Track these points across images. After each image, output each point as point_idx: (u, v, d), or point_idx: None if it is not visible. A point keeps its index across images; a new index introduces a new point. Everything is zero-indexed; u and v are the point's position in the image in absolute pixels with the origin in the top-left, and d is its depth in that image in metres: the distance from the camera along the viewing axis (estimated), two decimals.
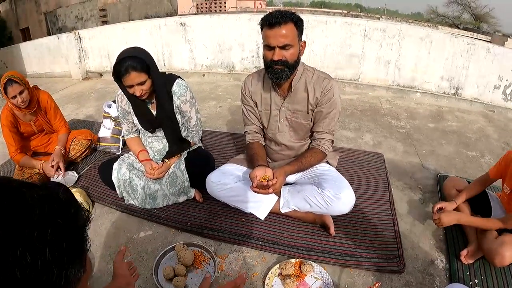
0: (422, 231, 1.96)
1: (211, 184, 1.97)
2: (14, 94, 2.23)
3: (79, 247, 0.55)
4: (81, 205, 0.59)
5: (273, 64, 1.67)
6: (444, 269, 1.70)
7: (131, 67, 1.76)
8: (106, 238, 1.93)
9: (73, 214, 0.55)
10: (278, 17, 1.58)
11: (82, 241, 0.57)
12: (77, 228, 0.55)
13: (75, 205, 0.57)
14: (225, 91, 4.68)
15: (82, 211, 0.58)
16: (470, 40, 4.19)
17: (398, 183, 2.44)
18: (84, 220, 0.58)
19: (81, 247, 0.56)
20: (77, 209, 0.57)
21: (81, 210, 0.58)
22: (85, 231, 0.58)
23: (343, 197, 1.73)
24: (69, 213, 0.54)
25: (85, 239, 0.58)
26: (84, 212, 0.59)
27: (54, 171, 2.31)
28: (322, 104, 1.81)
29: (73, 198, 0.59)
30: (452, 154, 2.94)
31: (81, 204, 0.60)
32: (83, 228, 0.58)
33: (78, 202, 0.59)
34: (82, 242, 0.57)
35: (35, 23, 11.74)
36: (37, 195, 0.51)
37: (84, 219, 0.58)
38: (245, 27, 4.95)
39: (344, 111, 3.84)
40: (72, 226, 0.54)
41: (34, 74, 6.59)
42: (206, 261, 1.70)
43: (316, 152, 1.90)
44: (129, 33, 5.55)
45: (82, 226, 0.57)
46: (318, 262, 1.67)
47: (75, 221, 0.55)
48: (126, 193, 2.11)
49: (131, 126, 2.20)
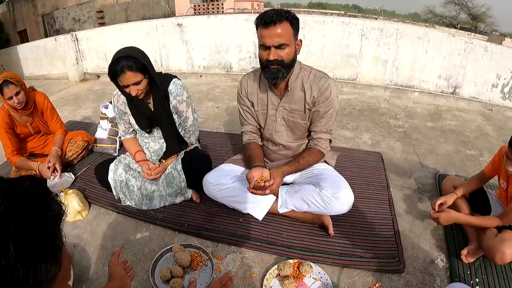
0: (421, 230, 1.95)
1: (208, 185, 1.95)
2: (10, 95, 2.22)
3: (49, 242, 0.52)
4: (55, 199, 0.57)
5: (269, 64, 1.64)
6: (444, 268, 1.69)
7: (126, 67, 1.75)
8: (103, 240, 1.91)
9: (41, 208, 0.53)
10: (273, 16, 1.56)
11: (53, 237, 0.54)
12: (46, 222, 0.53)
13: (45, 199, 0.55)
14: (222, 91, 4.67)
15: (54, 205, 0.56)
16: (468, 39, 4.19)
17: (397, 183, 2.43)
18: (56, 214, 0.55)
19: (52, 242, 0.53)
20: (47, 203, 0.54)
21: (52, 204, 0.55)
22: (57, 225, 0.55)
23: (342, 196, 1.72)
24: (37, 207, 0.52)
25: (57, 234, 0.55)
26: (56, 206, 0.56)
27: (50, 173, 2.29)
28: (319, 103, 1.80)
29: (45, 192, 0.56)
30: (451, 153, 2.93)
31: (55, 198, 0.57)
32: (55, 223, 0.55)
33: (52, 196, 0.57)
34: (53, 237, 0.54)
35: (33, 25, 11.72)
36: (2, 190, 0.49)
37: (56, 213, 0.55)
38: (242, 28, 4.94)
39: (342, 110, 3.84)
40: (40, 220, 0.51)
41: (32, 76, 6.57)
42: (204, 262, 1.68)
43: (314, 151, 1.88)
44: (126, 34, 5.54)
45: (54, 220, 0.55)
46: (317, 263, 1.66)
47: (44, 215, 0.53)
48: (122, 194, 2.09)
49: (127, 126, 2.18)
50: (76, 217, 2.07)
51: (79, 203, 2.08)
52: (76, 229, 2.00)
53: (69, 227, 2.01)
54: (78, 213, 2.07)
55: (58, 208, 0.56)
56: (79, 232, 1.97)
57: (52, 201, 0.56)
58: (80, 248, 1.85)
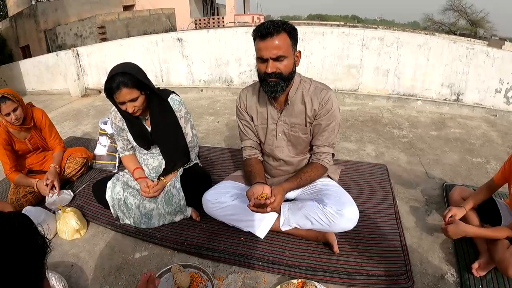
0: (430, 244, 1.89)
1: (207, 203, 1.90)
2: (7, 112, 2.21)
3: (30, 276, 0.54)
4: (37, 230, 0.58)
5: (267, 76, 1.60)
6: (455, 283, 1.63)
7: (122, 84, 1.72)
8: (100, 259, 1.87)
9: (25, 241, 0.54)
10: (269, 28, 1.51)
11: (35, 270, 0.55)
12: (28, 255, 0.54)
13: (29, 231, 0.57)
14: (223, 106, 4.67)
15: (37, 236, 0.57)
16: (469, 45, 4.17)
17: (403, 195, 2.37)
18: (38, 245, 0.57)
19: (34, 276, 0.55)
20: (30, 236, 0.56)
21: (35, 236, 0.57)
22: (40, 257, 0.56)
23: (346, 213, 1.65)
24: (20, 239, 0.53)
25: (39, 267, 0.56)
26: (39, 237, 0.57)
27: (48, 190, 2.26)
28: (321, 116, 1.75)
29: (28, 226, 0.58)
30: (457, 162, 2.87)
31: (39, 232, 0.59)
32: (38, 254, 0.56)
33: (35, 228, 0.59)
34: (35, 270, 0.55)
35: (35, 41, 11.86)
36: None
37: (39, 243, 0.57)
38: (242, 41, 4.97)
39: (344, 122, 3.81)
40: (23, 255, 0.53)
41: (33, 91, 6.64)
42: (204, 284, 1.62)
43: (316, 166, 1.83)
44: (127, 50, 5.59)
45: (37, 252, 0.56)
46: (322, 282, 1.59)
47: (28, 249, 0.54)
48: (120, 212, 2.04)
49: (126, 143, 2.15)
50: (74, 236, 2.03)
51: (77, 221, 2.05)
52: (74, 247, 1.97)
53: (66, 246, 1.98)
54: (76, 231, 2.04)
55: (42, 241, 0.58)
56: (76, 251, 1.94)
57: (37, 234, 0.58)
58: (77, 267, 1.81)
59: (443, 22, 28.88)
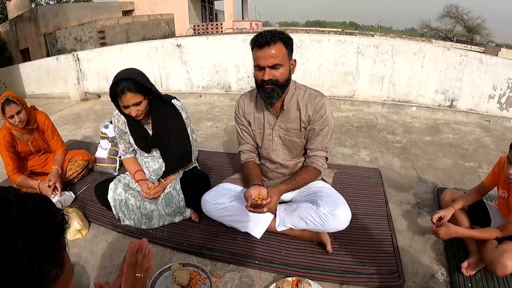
0: (421, 245, 1.94)
1: (206, 204, 1.96)
2: (11, 114, 2.26)
3: (53, 244, 0.60)
4: (59, 209, 0.65)
5: (264, 84, 1.69)
6: (445, 282, 1.68)
7: (127, 89, 1.80)
8: (102, 259, 1.91)
9: (47, 213, 0.61)
10: (267, 37, 1.61)
11: (56, 239, 0.61)
12: (51, 225, 0.60)
13: (50, 207, 0.63)
14: (221, 111, 4.72)
15: (58, 213, 0.64)
16: (463, 52, 4.25)
17: (396, 198, 2.43)
18: (60, 221, 0.63)
19: (55, 244, 0.60)
20: (52, 211, 0.63)
21: (57, 213, 0.64)
22: (60, 229, 0.63)
23: (339, 214, 1.72)
24: (43, 211, 0.60)
25: (60, 238, 0.63)
26: (60, 215, 0.64)
27: (51, 191, 2.30)
28: (315, 122, 1.83)
29: (50, 202, 0.65)
30: (450, 167, 2.94)
31: (59, 209, 0.66)
32: (59, 229, 0.63)
33: (56, 207, 0.65)
34: (56, 240, 0.61)
35: (35, 44, 11.88)
36: (14, 195, 0.58)
37: (60, 220, 0.63)
38: (240, 48, 5.03)
39: (340, 128, 3.87)
40: (46, 223, 0.59)
41: (33, 95, 6.65)
42: (202, 281, 1.67)
43: (310, 169, 1.90)
44: (126, 55, 5.64)
45: (58, 226, 0.62)
46: (315, 280, 1.64)
47: (49, 219, 0.61)
48: (122, 213, 2.09)
49: (127, 146, 2.21)
50: (76, 236, 2.07)
51: (79, 222, 2.09)
52: (76, 247, 2.00)
53: (68, 246, 2.00)
54: (78, 231, 2.08)
55: (61, 217, 0.64)
56: (78, 251, 1.97)
57: (57, 210, 0.64)
58: (79, 267, 1.84)
59: (440, 29, 29.17)
